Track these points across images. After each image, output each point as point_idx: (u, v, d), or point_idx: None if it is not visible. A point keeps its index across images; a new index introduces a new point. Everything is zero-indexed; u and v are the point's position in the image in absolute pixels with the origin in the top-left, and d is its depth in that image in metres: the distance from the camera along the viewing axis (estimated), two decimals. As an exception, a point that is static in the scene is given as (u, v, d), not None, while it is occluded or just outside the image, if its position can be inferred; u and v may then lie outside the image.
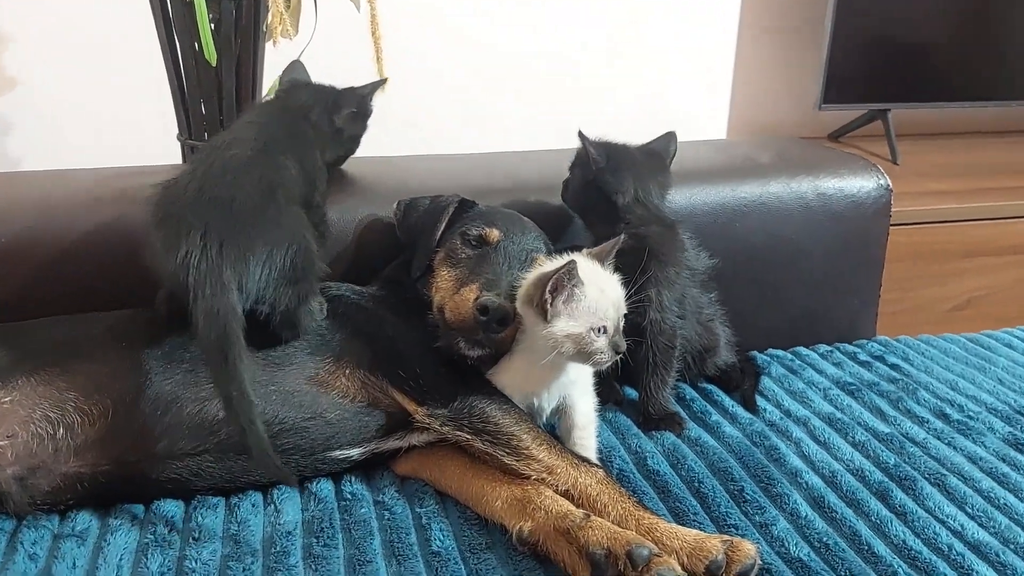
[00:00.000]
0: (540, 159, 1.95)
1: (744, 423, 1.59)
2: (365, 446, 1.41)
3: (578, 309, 1.33)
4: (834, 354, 1.90)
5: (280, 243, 1.33)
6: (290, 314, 1.37)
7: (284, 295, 1.35)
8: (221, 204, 1.31)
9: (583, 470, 1.32)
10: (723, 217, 1.85)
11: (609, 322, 1.33)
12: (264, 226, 1.33)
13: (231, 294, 1.26)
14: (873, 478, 1.42)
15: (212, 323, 1.24)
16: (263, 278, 1.31)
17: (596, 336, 1.32)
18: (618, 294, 1.37)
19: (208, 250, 1.27)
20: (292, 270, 1.34)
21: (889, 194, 1.96)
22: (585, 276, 1.33)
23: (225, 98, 1.93)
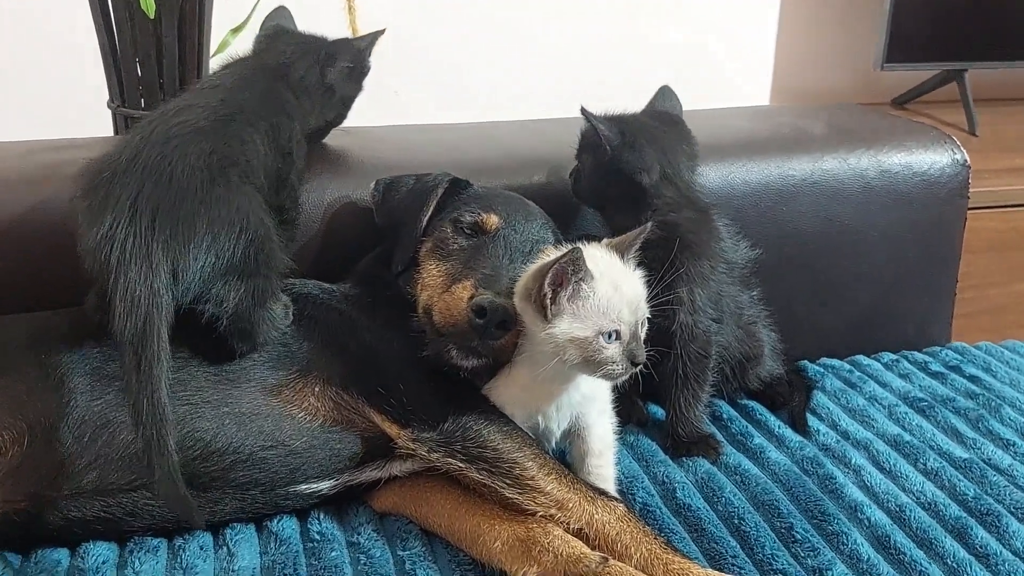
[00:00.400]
0: (546, 129, 1.95)
1: (793, 447, 1.58)
2: (337, 478, 1.40)
3: (585, 308, 1.31)
4: (901, 363, 1.89)
5: (228, 226, 1.31)
6: (243, 318, 1.35)
7: (233, 291, 1.33)
8: (158, 173, 1.30)
9: (600, 505, 1.31)
10: (767, 199, 1.85)
11: (624, 326, 1.32)
12: (209, 204, 1.31)
13: (159, 278, 1.24)
14: (949, 513, 1.41)
15: (131, 312, 1.22)
16: (206, 267, 1.29)
17: (606, 342, 1.31)
18: (637, 293, 1.36)
19: (137, 222, 1.25)
20: (244, 262, 1.33)
21: (966, 171, 1.95)
22: (596, 269, 1.32)
23: (166, 58, 1.92)
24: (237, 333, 1.36)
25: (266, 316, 1.38)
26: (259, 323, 1.37)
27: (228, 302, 1.33)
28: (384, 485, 1.43)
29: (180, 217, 1.27)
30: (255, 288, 1.35)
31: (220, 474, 1.33)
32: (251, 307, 1.35)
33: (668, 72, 2.83)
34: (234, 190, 1.35)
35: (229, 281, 1.32)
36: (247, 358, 1.39)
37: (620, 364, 1.31)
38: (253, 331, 1.37)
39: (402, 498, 1.42)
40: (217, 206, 1.31)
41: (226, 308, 1.33)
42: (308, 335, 1.45)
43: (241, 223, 1.33)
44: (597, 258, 1.35)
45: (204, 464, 1.32)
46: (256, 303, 1.36)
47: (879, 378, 1.83)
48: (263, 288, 1.37)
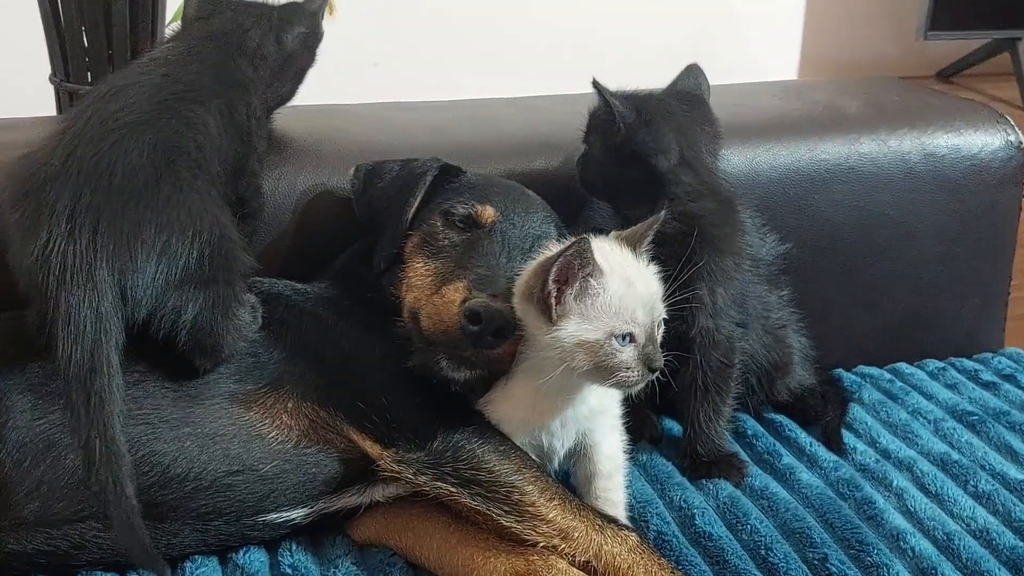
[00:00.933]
0: (547, 108, 1.95)
1: (827, 468, 1.58)
2: (311, 505, 1.40)
3: (594, 307, 1.31)
4: (947, 372, 1.89)
5: (180, 231, 1.30)
6: (204, 331, 1.34)
7: (191, 302, 1.32)
8: (96, 176, 1.28)
9: (609, 534, 1.31)
10: (796, 187, 1.85)
11: (638, 327, 1.31)
12: (156, 208, 1.30)
13: (106, 299, 1.24)
14: (1003, 542, 1.42)
15: (76, 341, 1.22)
16: (158, 280, 1.28)
17: (619, 345, 1.30)
18: (652, 290, 1.35)
19: (76, 236, 1.24)
20: (200, 269, 1.32)
21: (1021, 154, 1.96)
22: (606, 264, 1.32)
23: (115, 27, 1.91)
24: (199, 349, 1.35)
25: (231, 326, 1.37)
26: (223, 334, 1.36)
27: (186, 314, 1.32)
28: (365, 512, 1.43)
29: (124, 227, 1.26)
30: (215, 296, 1.34)
31: (179, 503, 1.33)
32: (212, 318, 1.34)
33: (684, 43, 2.86)
34: (184, 188, 1.33)
35: (185, 291, 1.31)
36: (211, 372, 1.39)
37: (636, 370, 1.30)
38: (217, 344, 1.36)
39: (385, 527, 1.42)
40: (165, 209, 1.30)
41: (184, 321, 1.32)
42: (280, 343, 1.44)
43: (194, 226, 1.31)
44: (606, 252, 1.34)
45: (162, 492, 1.32)
46: (218, 313, 1.35)
47: (923, 389, 1.83)
48: (224, 295, 1.36)
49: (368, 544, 1.41)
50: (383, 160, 1.63)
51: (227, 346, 1.37)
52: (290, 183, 1.67)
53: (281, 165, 1.67)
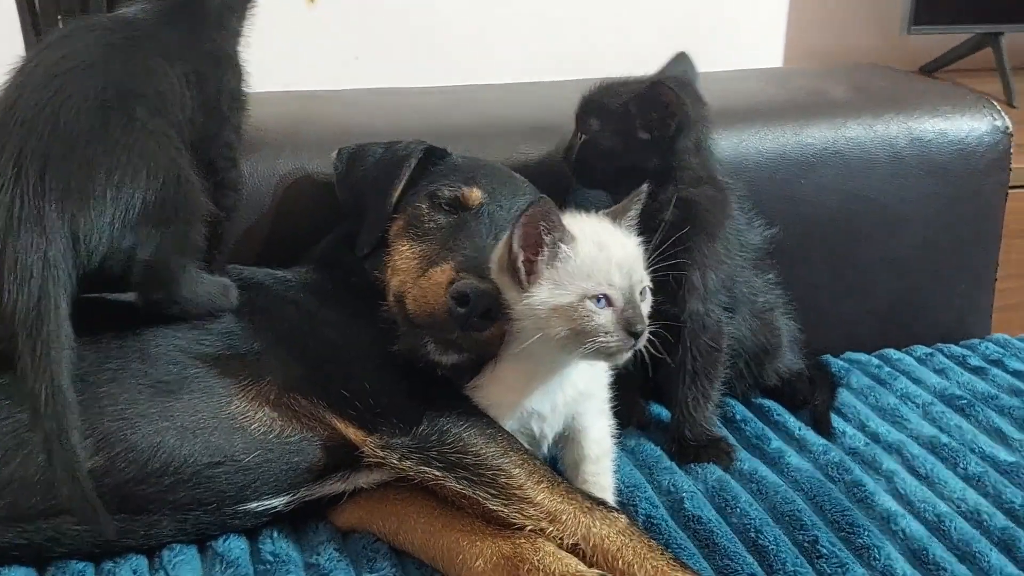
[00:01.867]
0: (533, 93, 1.95)
1: (816, 451, 1.58)
2: (293, 493, 1.39)
3: (565, 271, 1.29)
4: (936, 358, 1.90)
5: (133, 173, 1.27)
6: (159, 265, 1.31)
7: (148, 241, 1.29)
8: (41, 121, 1.25)
9: (598, 516, 1.30)
10: (783, 171, 1.85)
11: (614, 290, 1.28)
12: (108, 150, 1.26)
13: (54, 245, 1.21)
14: (994, 523, 1.42)
15: (22, 286, 1.19)
16: (114, 224, 1.25)
17: (595, 308, 1.28)
18: (629, 254, 1.32)
19: (23, 182, 1.21)
20: (157, 209, 1.29)
21: (1008, 139, 1.96)
22: (578, 230, 1.31)
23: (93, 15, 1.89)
24: (153, 282, 1.32)
25: (189, 271, 1.35)
26: (179, 272, 1.33)
27: (141, 253, 1.28)
28: (348, 499, 1.41)
29: (73, 171, 1.23)
30: (173, 236, 1.31)
31: (158, 495, 1.31)
32: (169, 255, 1.31)
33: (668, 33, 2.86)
34: (136, 129, 1.30)
35: (141, 232, 1.28)
36: (190, 365, 1.37)
37: (615, 334, 1.27)
38: (173, 278, 1.33)
39: (369, 512, 1.41)
40: (117, 151, 1.27)
41: (139, 260, 1.29)
42: (261, 333, 1.43)
43: (147, 166, 1.28)
44: (581, 221, 1.34)
45: (139, 486, 1.30)
46: (175, 250, 1.32)
47: (912, 374, 1.84)
48: (183, 234, 1.33)
49: (351, 530, 1.40)
50: (366, 143, 1.62)
51: (184, 286, 1.34)
52: (269, 167, 1.67)
53: (260, 149, 1.67)
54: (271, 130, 1.70)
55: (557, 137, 1.73)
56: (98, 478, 1.26)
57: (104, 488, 1.27)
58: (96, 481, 1.26)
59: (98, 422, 1.29)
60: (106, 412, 1.30)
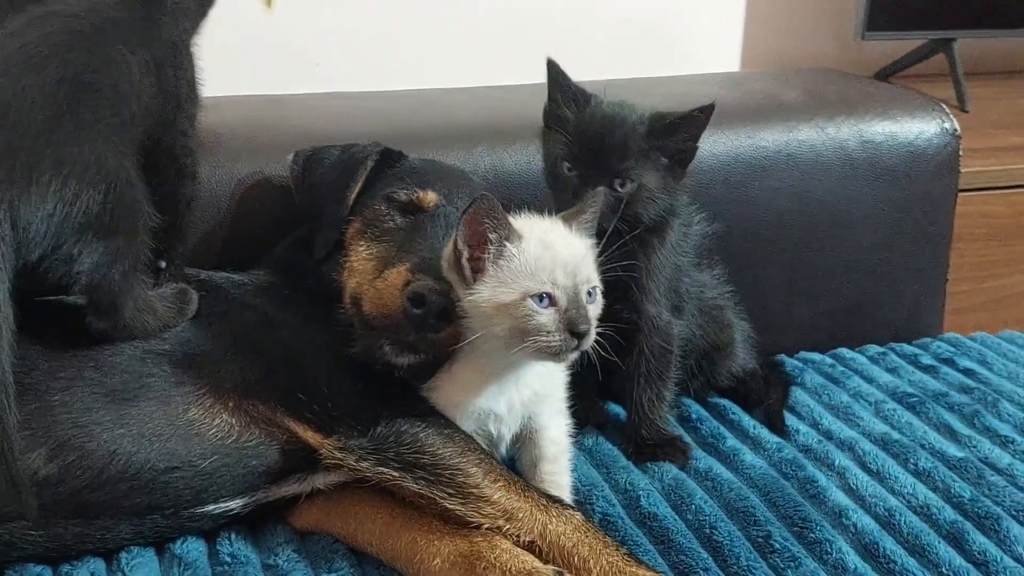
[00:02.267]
0: (488, 96, 1.95)
1: (770, 449, 1.60)
2: (250, 495, 1.39)
3: (510, 269, 1.29)
4: (888, 357, 1.92)
5: (81, 170, 1.25)
6: (101, 287, 1.29)
7: (88, 249, 1.26)
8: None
9: (554, 514, 1.31)
10: (736, 174, 1.87)
11: (558, 289, 1.28)
12: (56, 142, 1.25)
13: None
14: (943, 517, 1.43)
15: None
16: (55, 218, 1.23)
17: (537, 307, 1.28)
18: (576, 254, 1.32)
19: None
20: (101, 215, 1.27)
21: (956, 141, 1.99)
22: (526, 229, 1.32)
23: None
24: (95, 307, 1.31)
25: (131, 286, 1.33)
26: (122, 294, 1.32)
27: (80, 264, 1.26)
28: (305, 500, 1.42)
29: (20, 156, 1.22)
30: (116, 249, 1.29)
31: (114, 501, 1.31)
32: (110, 274, 1.29)
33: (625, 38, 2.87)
34: (87, 127, 1.29)
35: (83, 238, 1.26)
36: (146, 373, 1.36)
37: (557, 335, 1.27)
38: (114, 304, 1.31)
39: (326, 513, 1.41)
40: (66, 146, 1.26)
41: (79, 272, 1.27)
42: (219, 340, 1.42)
43: (96, 166, 1.27)
44: (531, 221, 1.35)
45: (94, 493, 1.30)
46: (116, 270, 1.30)
47: (864, 373, 1.86)
48: (124, 250, 1.31)
49: (309, 531, 1.41)
50: (323, 146, 1.62)
51: (128, 311, 1.33)
52: (227, 171, 1.66)
53: (218, 153, 1.67)
54: (229, 134, 1.70)
55: (515, 140, 1.74)
56: (53, 486, 1.27)
57: (59, 495, 1.27)
58: (51, 489, 1.27)
59: (52, 431, 1.28)
60: (60, 420, 1.29)
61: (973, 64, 3.13)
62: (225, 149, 1.68)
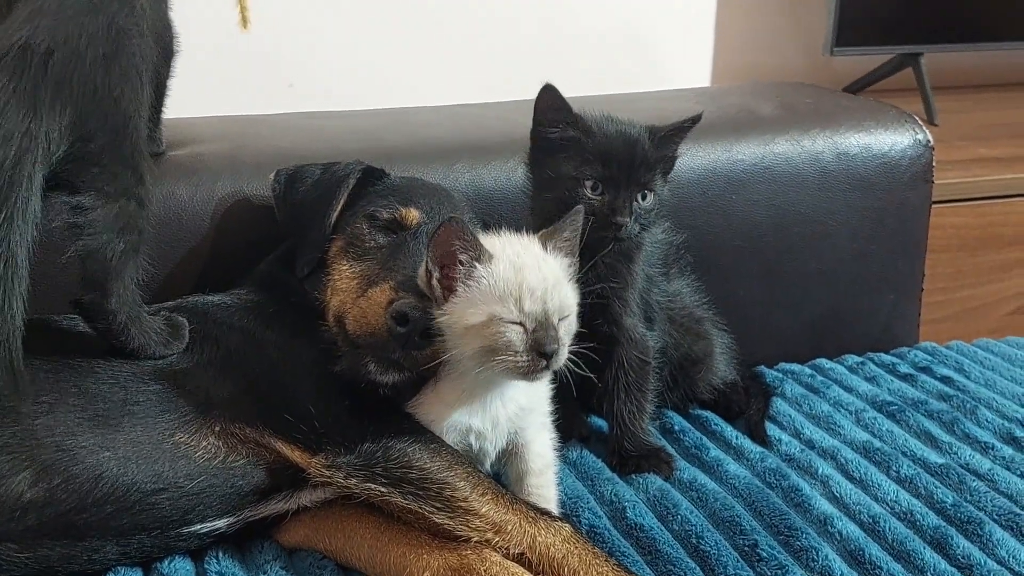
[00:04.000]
0: (464, 115, 1.95)
1: (753, 459, 1.61)
2: (237, 514, 1.38)
3: (479, 291, 1.29)
4: (867, 366, 1.93)
5: (119, 117, 1.31)
6: (100, 257, 1.32)
7: (104, 208, 1.31)
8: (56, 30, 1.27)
9: (543, 526, 1.31)
10: (714, 187, 1.88)
11: (526, 316, 1.28)
12: (105, 82, 1.30)
13: (39, 123, 1.23)
14: (927, 523, 1.45)
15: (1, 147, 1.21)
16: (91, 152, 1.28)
17: (504, 328, 1.28)
18: (546, 278, 1.30)
19: (27, 60, 1.24)
20: (123, 174, 1.32)
21: (930, 153, 2.02)
22: (499, 250, 1.32)
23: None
24: (88, 281, 1.33)
25: (125, 281, 1.35)
26: (115, 279, 1.34)
27: (90, 215, 1.31)
28: (293, 516, 1.41)
29: (76, 68, 1.27)
30: (128, 215, 1.34)
31: (100, 523, 1.30)
32: (115, 243, 1.33)
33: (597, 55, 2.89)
34: (128, 71, 1.34)
35: (101, 190, 1.31)
36: (130, 401, 1.36)
37: (524, 355, 1.27)
38: (106, 285, 1.33)
39: (314, 530, 1.41)
40: (112, 87, 1.31)
41: (85, 224, 1.31)
42: (205, 363, 1.42)
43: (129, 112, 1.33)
44: (505, 242, 1.35)
45: (80, 515, 1.29)
46: (122, 238, 1.33)
47: (844, 382, 1.87)
48: (134, 218, 1.35)
49: (297, 548, 1.40)
50: (304, 164, 1.62)
51: (115, 299, 1.34)
52: (208, 190, 1.66)
53: (199, 172, 1.66)
54: (209, 154, 1.70)
55: (494, 157, 1.75)
56: (38, 509, 1.26)
57: (45, 518, 1.27)
58: (36, 512, 1.27)
59: (36, 454, 1.27)
60: (44, 444, 1.28)
61: (940, 78, 3.17)
62: (206, 169, 1.67)
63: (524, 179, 1.62)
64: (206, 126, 1.73)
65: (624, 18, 2.93)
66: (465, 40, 2.80)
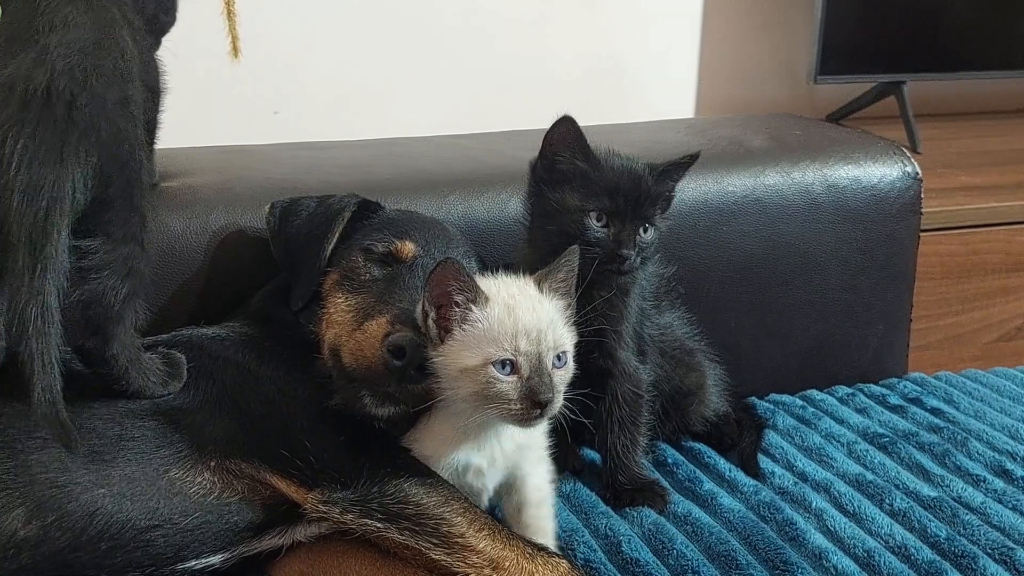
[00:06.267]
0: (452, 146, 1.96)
1: (747, 492, 1.62)
2: (231, 550, 1.38)
3: (474, 334, 1.29)
4: (857, 397, 1.95)
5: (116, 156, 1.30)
6: (102, 302, 1.32)
7: (108, 250, 1.31)
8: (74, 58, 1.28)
9: (540, 562, 1.31)
10: (705, 219, 1.90)
11: (521, 357, 1.27)
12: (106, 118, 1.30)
13: (67, 175, 1.23)
14: (921, 557, 1.45)
15: (32, 203, 1.21)
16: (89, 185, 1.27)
17: (499, 374, 1.26)
18: (540, 319, 1.30)
19: (52, 107, 1.24)
20: (129, 217, 1.33)
21: (918, 185, 2.04)
22: (494, 292, 1.32)
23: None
24: (88, 326, 1.33)
25: (126, 326, 1.35)
26: (116, 324, 1.34)
27: (94, 259, 1.31)
28: (287, 551, 1.41)
29: (100, 112, 1.28)
30: (130, 257, 1.34)
31: (94, 561, 1.29)
32: (119, 287, 1.33)
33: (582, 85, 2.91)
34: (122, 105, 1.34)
35: (107, 228, 1.32)
36: (126, 437, 1.35)
37: (518, 403, 1.27)
38: (107, 331, 1.33)
39: (309, 565, 1.40)
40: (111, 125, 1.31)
41: (92, 267, 1.31)
42: (200, 399, 1.41)
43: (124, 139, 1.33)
44: (500, 283, 1.35)
45: (75, 553, 1.28)
46: (127, 283, 1.33)
47: (835, 414, 1.89)
48: (137, 261, 1.35)
49: (291, 584, 1.40)
50: (299, 196, 1.63)
51: (116, 344, 1.34)
52: (202, 223, 1.66)
53: (192, 204, 1.66)
54: (202, 186, 1.70)
55: (487, 188, 1.76)
56: (32, 547, 1.26)
57: (39, 556, 1.26)
58: (30, 550, 1.26)
59: (29, 491, 1.27)
60: (38, 481, 1.28)
61: (922, 106, 3.21)
62: (200, 202, 1.67)
63: (518, 210, 1.64)
64: (197, 157, 1.72)
65: (609, 50, 2.95)
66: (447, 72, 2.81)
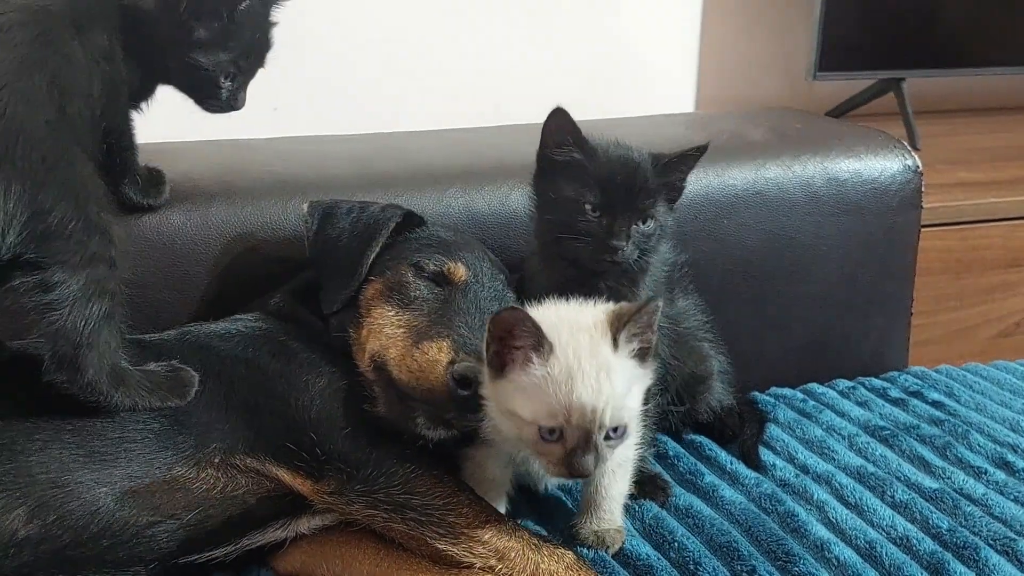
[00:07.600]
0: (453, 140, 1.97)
1: (749, 484, 1.62)
2: (234, 543, 1.39)
3: (531, 384, 1.24)
4: (858, 391, 1.96)
5: (69, 188, 1.27)
6: (69, 332, 1.27)
7: (70, 276, 1.26)
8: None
9: (546, 553, 1.32)
10: (706, 212, 1.91)
11: (569, 428, 1.22)
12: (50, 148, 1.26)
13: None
14: (923, 548, 1.46)
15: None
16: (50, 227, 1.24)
17: (545, 435, 1.24)
18: (599, 395, 1.22)
19: None
20: (86, 241, 1.27)
21: (919, 178, 2.05)
22: (559, 338, 1.25)
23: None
24: (58, 360, 1.29)
25: (100, 348, 1.30)
26: (88, 350, 1.29)
27: (56, 291, 1.26)
28: (291, 542, 1.42)
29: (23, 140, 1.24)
30: (98, 280, 1.29)
31: (97, 557, 1.30)
32: (87, 312, 1.28)
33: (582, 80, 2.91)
34: (69, 132, 1.31)
35: (66, 260, 1.27)
36: (128, 437, 1.34)
37: (556, 465, 1.25)
38: (78, 361, 1.29)
39: (312, 556, 1.41)
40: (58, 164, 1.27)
41: (52, 301, 1.26)
42: (208, 401, 1.40)
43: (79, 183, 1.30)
44: (569, 328, 1.28)
45: (77, 550, 1.29)
46: (96, 305, 1.29)
47: (836, 407, 1.89)
48: (105, 282, 1.30)
49: (294, 575, 1.41)
50: (339, 199, 1.61)
51: (92, 368, 1.29)
52: (202, 216, 1.65)
53: (193, 198, 1.66)
54: (203, 179, 1.70)
55: (487, 182, 1.76)
56: (34, 545, 1.26)
57: (40, 554, 1.27)
58: (32, 548, 1.26)
59: (30, 491, 1.27)
60: (38, 481, 1.28)
61: (922, 102, 3.21)
62: (200, 194, 1.67)
63: (519, 204, 1.64)
64: (197, 151, 1.73)
65: (609, 45, 2.95)
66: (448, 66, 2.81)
